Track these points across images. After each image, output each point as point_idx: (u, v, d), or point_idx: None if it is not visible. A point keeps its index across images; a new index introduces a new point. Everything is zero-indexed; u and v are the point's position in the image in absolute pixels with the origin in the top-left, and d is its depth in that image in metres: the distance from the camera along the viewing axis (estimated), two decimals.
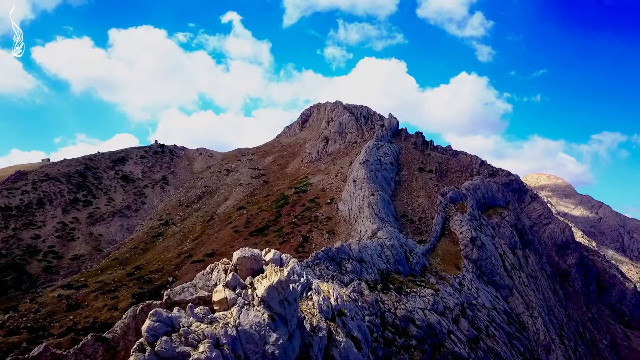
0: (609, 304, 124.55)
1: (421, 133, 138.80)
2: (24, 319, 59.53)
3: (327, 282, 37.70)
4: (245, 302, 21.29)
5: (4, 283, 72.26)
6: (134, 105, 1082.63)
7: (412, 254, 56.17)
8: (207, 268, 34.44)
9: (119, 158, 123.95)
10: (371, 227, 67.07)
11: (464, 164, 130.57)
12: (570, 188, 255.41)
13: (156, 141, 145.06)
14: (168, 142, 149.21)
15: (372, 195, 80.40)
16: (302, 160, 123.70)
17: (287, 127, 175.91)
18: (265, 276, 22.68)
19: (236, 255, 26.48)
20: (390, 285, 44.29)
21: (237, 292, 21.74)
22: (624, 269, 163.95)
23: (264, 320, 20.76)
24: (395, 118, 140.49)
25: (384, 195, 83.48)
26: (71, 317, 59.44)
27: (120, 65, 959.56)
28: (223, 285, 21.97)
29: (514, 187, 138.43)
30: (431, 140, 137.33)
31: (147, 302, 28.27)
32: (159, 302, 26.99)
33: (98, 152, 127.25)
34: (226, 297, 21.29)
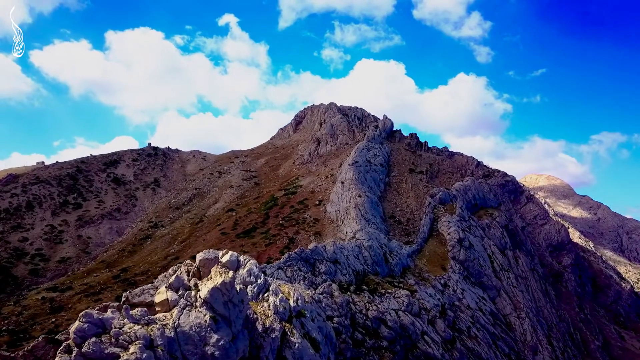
0: (604, 305, 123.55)
1: (415, 134, 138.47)
2: (6, 321, 59.58)
3: (295, 283, 37.46)
4: (188, 303, 21.11)
5: None
6: (132, 108, 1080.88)
7: (392, 255, 55.82)
8: (170, 270, 34.16)
9: (111, 161, 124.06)
10: (355, 229, 66.81)
11: (459, 165, 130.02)
12: (568, 189, 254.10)
13: (149, 143, 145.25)
14: (167, 145, 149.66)
15: (360, 196, 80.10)
16: (294, 162, 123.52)
17: (281, 129, 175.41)
18: (210, 278, 22.51)
19: (199, 257, 26.26)
20: (364, 287, 43.96)
21: (179, 293, 21.57)
22: (622, 269, 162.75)
23: (206, 321, 20.57)
24: (389, 119, 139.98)
25: (371, 197, 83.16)
26: (53, 319, 59.40)
27: (118, 68, 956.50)
28: (166, 287, 21.82)
29: (510, 188, 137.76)
30: (425, 142, 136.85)
31: (104, 304, 28.10)
32: (116, 304, 26.84)
33: (91, 154, 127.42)
34: (168, 299, 21.13)
